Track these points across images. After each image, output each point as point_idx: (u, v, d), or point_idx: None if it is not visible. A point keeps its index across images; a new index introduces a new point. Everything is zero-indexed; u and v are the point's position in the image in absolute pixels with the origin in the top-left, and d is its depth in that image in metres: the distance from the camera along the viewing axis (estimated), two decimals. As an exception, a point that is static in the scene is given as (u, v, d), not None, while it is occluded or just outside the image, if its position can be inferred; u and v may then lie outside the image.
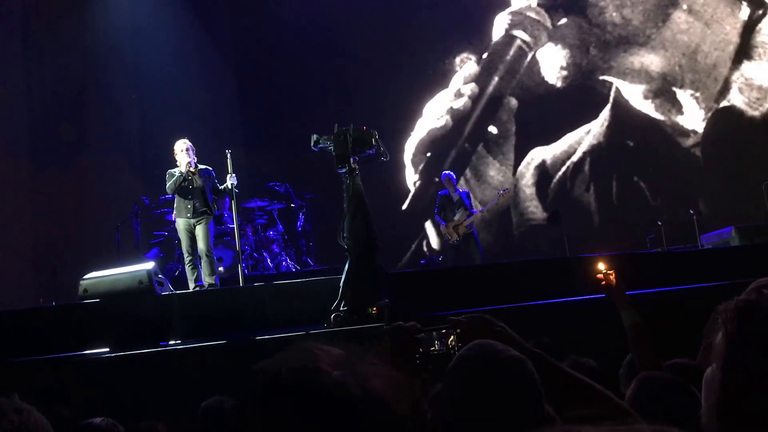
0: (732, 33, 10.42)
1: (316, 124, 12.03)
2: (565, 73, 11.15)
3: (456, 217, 8.57)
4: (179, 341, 4.86)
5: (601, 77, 10.97)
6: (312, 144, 5.20)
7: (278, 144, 11.94)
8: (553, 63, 11.23)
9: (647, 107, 10.73)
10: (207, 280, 6.44)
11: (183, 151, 6.59)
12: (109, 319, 4.89)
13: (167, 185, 6.61)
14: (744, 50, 10.32)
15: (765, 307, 0.90)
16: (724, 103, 10.38)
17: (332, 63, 11.87)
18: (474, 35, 11.64)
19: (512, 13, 11.56)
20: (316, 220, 9.98)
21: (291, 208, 9.51)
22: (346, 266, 4.95)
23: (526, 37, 11.46)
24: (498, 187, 10.86)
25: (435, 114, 11.85)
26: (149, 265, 5.61)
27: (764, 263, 5.23)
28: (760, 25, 10.32)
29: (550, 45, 11.29)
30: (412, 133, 11.94)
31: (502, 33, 11.61)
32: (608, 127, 10.88)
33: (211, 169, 6.79)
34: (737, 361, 0.89)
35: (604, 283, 2.60)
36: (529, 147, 11.23)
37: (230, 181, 6.62)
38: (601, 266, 2.63)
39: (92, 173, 10.08)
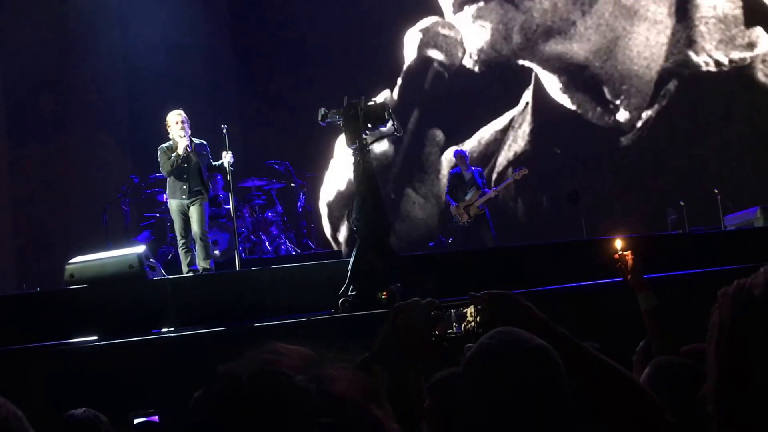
0: (665, 14, 10.31)
1: (319, 97, 12.05)
2: (482, 56, 11.01)
3: (468, 197, 8.55)
4: (172, 329, 4.90)
5: (520, 62, 10.90)
6: (319, 118, 5.16)
7: (278, 118, 11.92)
8: (471, 41, 11.09)
9: (569, 102, 10.68)
10: (201, 264, 6.46)
11: (177, 124, 6.48)
12: (97, 306, 4.93)
13: (162, 165, 6.54)
14: (683, 31, 10.22)
15: (760, 290, 0.92)
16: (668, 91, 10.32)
17: (334, 34, 11.78)
18: (385, 60, 11.38)
19: (422, 31, 11.28)
20: (317, 201, 9.99)
21: (291, 188, 9.50)
22: (356, 249, 4.95)
23: (441, 56, 11.15)
24: (425, 220, 11.06)
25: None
26: (140, 248, 5.63)
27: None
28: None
29: (469, 21, 11.11)
30: (327, 173, 11.75)
31: (414, 54, 11.29)
32: (531, 132, 10.81)
33: (205, 143, 6.72)
34: (728, 344, 0.92)
35: (620, 264, 2.60)
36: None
37: (226, 158, 6.57)
38: (618, 246, 2.63)
39: (77, 150, 10.04)
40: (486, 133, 11.03)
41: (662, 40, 10.35)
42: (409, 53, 11.47)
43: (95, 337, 4.63)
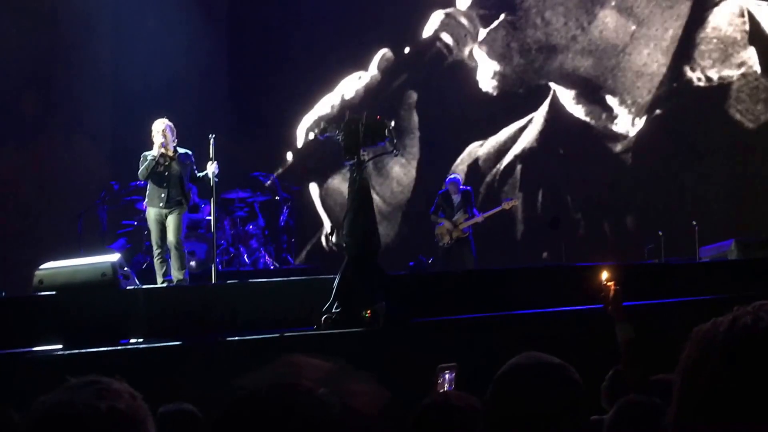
0: (669, 30, 10.51)
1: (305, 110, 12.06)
2: (495, 82, 11.38)
3: (454, 219, 8.54)
4: (141, 340, 4.80)
5: (535, 83, 11.18)
6: (318, 132, 5.13)
7: (267, 131, 11.91)
8: (483, 66, 11.51)
9: (579, 112, 10.94)
10: (176, 275, 6.36)
11: (159, 132, 6.43)
12: (64, 313, 4.82)
13: (140, 170, 6.48)
14: (685, 47, 10.42)
15: (735, 334, 0.90)
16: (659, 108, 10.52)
17: (329, 46, 11.84)
18: (406, 28, 11.83)
19: (447, 15, 11.78)
20: (300, 216, 9.93)
21: (275, 201, 9.43)
22: (342, 266, 4.90)
23: (450, 41, 11.71)
24: (403, 181, 11.41)
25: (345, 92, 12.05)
26: (114, 256, 5.52)
27: (763, 278, 5.25)
28: (708, 19, 10.36)
29: (479, 50, 11.52)
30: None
31: (431, 32, 11.85)
32: (541, 132, 11.09)
33: (191, 153, 6.65)
34: (690, 382, 0.92)
35: (603, 293, 2.65)
36: (457, 143, 11.45)
37: (211, 168, 6.50)
38: (604, 276, 2.70)
39: (56, 152, 9.91)
40: (510, 130, 11.38)
41: (662, 59, 10.55)
42: (428, 31, 11.90)
43: (59, 346, 4.51)
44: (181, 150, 6.54)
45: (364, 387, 0.82)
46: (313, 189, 12.07)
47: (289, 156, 12.10)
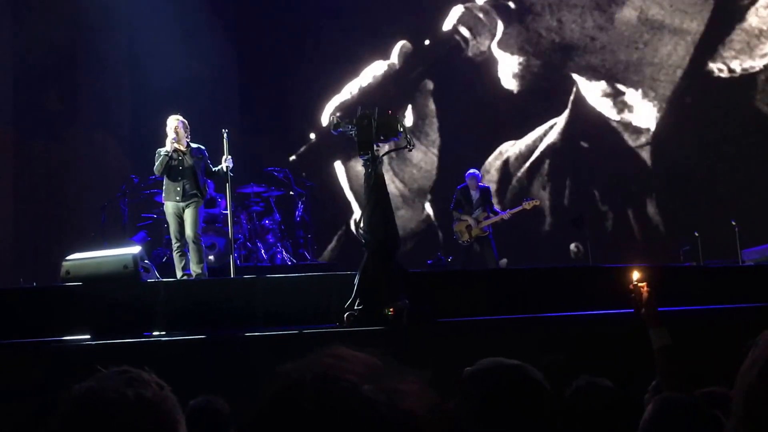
0: (691, 23, 10.45)
1: (323, 104, 12.15)
2: (513, 75, 11.51)
3: (474, 216, 8.55)
4: (163, 332, 4.89)
5: (555, 76, 11.23)
6: (332, 127, 5.20)
7: (280, 126, 11.99)
8: (502, 59, 11.64)
9: (602, 106, 10.97)
10: (194, 269, 6.45)
11: (171, 129, 6.57)
12: (91, 304, 4.92)
13: (155, 165, 6.64)
14: (709, 39, 10.32)
15: None
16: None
17: (340, 40, 11.91)
18: (427, 21, 12.02)
19: (467, 9, 11.94)
20: (315, 211, 10.01)
21: (290, 196, 9.52)
22: (363, 262, 4.94)
23: (468, 34, 11.88)
24: (424, 167, 11.59)
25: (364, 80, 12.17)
26: (135, 249, 5.62)
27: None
28: (736, 11, 10.25)
29: (497, 44, 11.65)
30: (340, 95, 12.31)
31: (450, 26, 12.02)
32: (566, 125, 11.17)
33: (203, 148, 6.77)
34: (757, 389, 0.88)
35: (634, 295, 2.54)
36: (494, 140, 11.54)
37: (225, 163, 6.62)
38: (635, 277, 2.57)
39: (80, 147, 10.13)
40: (540, 130, 11.48)
41: (683, 51, 10.50)
42: (448, 24, 12.11)
43: (87, 336, 4.63)
44: (193, 145, 6.66)
45: (412, 387, 0.77)
46: (339, 168, 12.19)
47: (313, 136, 12.26)
